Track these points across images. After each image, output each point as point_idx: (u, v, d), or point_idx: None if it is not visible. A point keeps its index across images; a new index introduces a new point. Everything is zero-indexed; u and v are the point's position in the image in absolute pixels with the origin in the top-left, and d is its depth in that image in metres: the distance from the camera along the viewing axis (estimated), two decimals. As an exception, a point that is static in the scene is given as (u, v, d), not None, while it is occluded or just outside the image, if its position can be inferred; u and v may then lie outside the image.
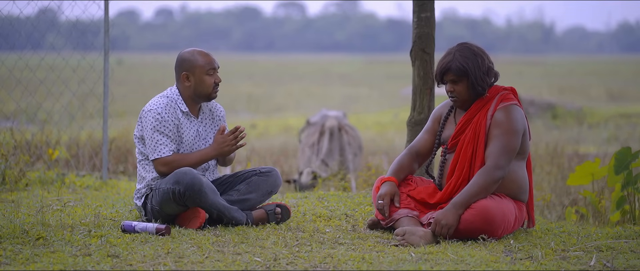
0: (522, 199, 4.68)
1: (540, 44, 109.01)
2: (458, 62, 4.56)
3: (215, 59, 4.89)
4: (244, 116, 20.12)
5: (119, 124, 13.85)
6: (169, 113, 4.79)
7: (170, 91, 4.89)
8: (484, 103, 4.62)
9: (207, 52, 4.88)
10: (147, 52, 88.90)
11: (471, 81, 4.56)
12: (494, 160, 4.50)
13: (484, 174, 4.49)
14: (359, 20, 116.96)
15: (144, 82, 31.02)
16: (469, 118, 4.63)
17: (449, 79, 4.61)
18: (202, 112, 4.94)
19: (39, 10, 9.28)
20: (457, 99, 4.63)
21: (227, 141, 4.84)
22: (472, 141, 4.58)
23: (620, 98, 24.92)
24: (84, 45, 8.22)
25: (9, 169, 6.67)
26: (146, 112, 4.79)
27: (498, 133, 4.54)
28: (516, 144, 4.54)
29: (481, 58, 4.58)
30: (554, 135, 14.20)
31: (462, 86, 4.60)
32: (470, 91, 4.60)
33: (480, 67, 4.57)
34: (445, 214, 4.45)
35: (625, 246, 4.44)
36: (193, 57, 4.84)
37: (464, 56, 4.57)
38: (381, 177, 4.84)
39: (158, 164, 4.76)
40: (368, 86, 32.16)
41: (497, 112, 4.57)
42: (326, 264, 3.95)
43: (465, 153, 4.59)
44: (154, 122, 4.76)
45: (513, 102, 4.62)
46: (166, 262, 3.90)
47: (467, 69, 4.55)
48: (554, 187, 8.28)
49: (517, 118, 4.57)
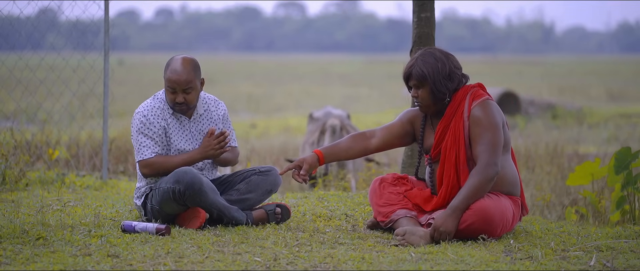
0: (515, 193, 4.68)
1: (540, 44, 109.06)
2: (418, 67, 4.59)
3: (185, 80, 4.72)
4: (244, 116, 20.12)
5: (119, 124, 13.86)
6: (156, 115, 4.80)
7: (161, 92, 4.90)
8: (457, 105, 4.62)
9: (177, 70, 4.74)
10: (147, 52, 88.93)
11: (431, 86, 4.58)
12: (485, 158, 4.49)
13: (478, 174, 4.48)
14: (359, 20, 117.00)
15: (144, 82, 31.02)
16: (446, 124, 4.63)
17: (412, 84, 4.65)
18: (196, 113, 4.92)
19: (39, 10, 9.29)
20: (421, 104, 4.66)
21: (211, 145, 4.84)
22: (454, 146, 4.59)
23: (620, 98, 24.93)
24: (84, 45, 8.22)
25: (9, 169, 6.67)
26: (134, 114, 4.85)
27: (480, 131, 4.53)
28: (500, 137, 4.53)
29: (442, 63, 4.59)
30: (554, 135, 14.19)
31: (424, 91, 4.62)
32: (432, 96, 4.61)
33: (440, 72, 4.58)
34: (444, 220, 4.44)
35: (625, 246, 4.44)
36: (166, 68, 4.82)
37: (425, 61, 4.60)
38: (378, 177, 4.85)
39: (141, 166, 4.79)
40: (368, 86, 32.16)
41: (472, 111, 4.57)
42: (326, 264, 3.95)
43: (450, 160, 4.59)
44: (138, 125, 4.80)
45: (485, 97, 4.61)
46: (166, 262, 3.90)
47: (426, 75, 4.57)
48: (554, 187, 8.28)
49: (494, 112, 4.57)
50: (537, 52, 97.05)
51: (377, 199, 4.77)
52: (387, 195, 4.76)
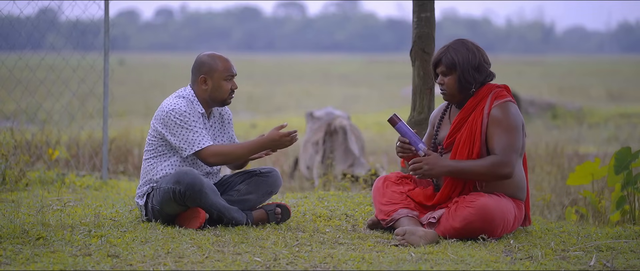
0: (520, 198, 4.68)
1: (540, 44, 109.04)
2: (449, 54, 4.62)
3: (234, 65, 4.90)
4: (244, 116, 20.11)
5: (119, 124, 13.86)
6: (192, 109, 4.80)
7: (185, 92, 4.87)
8: (478, 101, 4.64)
9: (227, 58, 4.88)
10: (147, 52, 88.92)
11: (459, 74, 4.59)
12: (501, 157, 4.50)
13: (493, 162, 4.49)
14: (359, 20, 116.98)
15: (144, 82, 31.03)
16: (464, 116, 4.64)
17: (440, 70, 4.67)
18: (213, 116, 4.95)
19: (39, 10, 9.29)
20: (446, 92, 4.67)
21: (283, 142, 4.76)
22: (469, 139, 4.59)
23: (620, 98, 24.91)
24: (84, 45, 8.23)
25: (9, 169, 6.67)
26: (169, 111, 4.75)
27: (500, 131, 4.54)
28: (520, 141, 4.56)
29: (473, 54, 4.62)
30: (554, 135, 14.20)
31: (451, 79, 4.64)
32: (458, 85, 4.62)
33: (469, 62, 4.61)
34: (435, 163, 4.52)
35: (625, 246, 4.44)
36: (213, 62, 4.84)
37: (456, 49, 4.63)
38: (382, 176, 4.85)
39: (209, 154, 4.72)
40: (368, 86, 32.15)
41: (493, 110, 4.58)
42: (326, 264, 3.95)
43: (462, 152, 4.59)
44: (182, 119, 4.74)
45: (508, 99, 4.63)
46: (166, 262, 3.90)
47: (456, 63, 4.60)
48: (554, 187, 8.28)
49: (515, 114, 4.59)
50: (537, 52, 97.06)
51: (380, 197, 4.78)
52: (390, 194, 4.76)
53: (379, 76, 40.27)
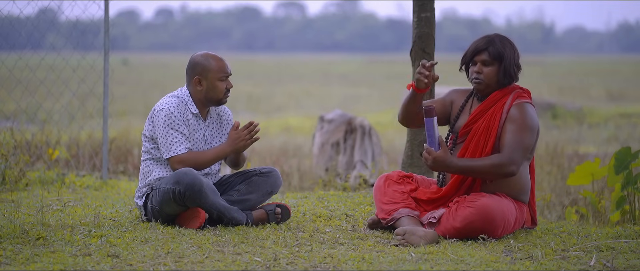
0: (523, 200, 4.68)
1: (540, 44, 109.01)
2: (498, 45, 4.63)
3: (228, 64, 4.90)
4: (244, 116, 20.11)
5: (119, 124, 13.86)
6: (181, 112, 4.79)
7: (180, 92, 4.88)
8: (501, 96, 4.65)
9: (221, 58, 4.88)
10: (147, 52, 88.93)
11: (503, 66, 4.62)
12: (508, 154, 4.50)
13: (498, 161, 4.49)
14: (359, 20, 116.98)
15: (144, 82, 31.02)
16: (484, 109, 4.65)
17: (480, 59, 4.65)
18: (209, 117, 4.94)
19: (39, 10, 9.29)
20: (481, 81, 4.65)
21: (241, 137, 4.85)
22: (485, 131, 4.60)
23: (620, 98, 24.91)
24: (84, 45, 8.23)
25: (9, 169, 6.67)
26: (158, 111, 4.78)
27: (513, 129, 4.56)
28: (531, 142, 4.56)
29: (516, 51, 4.68)
30: (554, 135, 14.20)
31: (492, 69, 4.64)
32: (498, 77, 4.64)
33: (513, 57, 4.65)
34: (443, 159, 4.50)
35: (625, 246, 4.44)
36: (207, 62, 4.84)
37: (503, 42, 4.65)
38: (383, 174, 4.86)
39: (174, 162, 4.75)
40: (368, 86, 32.15)
41: (512, 108, 4.60)
42: (326, 264, 3.95)
43: (477, 143, 4.60)
44: (167, 121, 4.75)
45: (528, 100, 4.65)
46: (166, 262, 3.90)
47: (505, 55, 4.62)
48: (554, 187, 8.28)
49: (533, 116, 4.61)
50: (537, 52, 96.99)
51: (381, 196, 4.78)
52: (391, 193, 4.76)
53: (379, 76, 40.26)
